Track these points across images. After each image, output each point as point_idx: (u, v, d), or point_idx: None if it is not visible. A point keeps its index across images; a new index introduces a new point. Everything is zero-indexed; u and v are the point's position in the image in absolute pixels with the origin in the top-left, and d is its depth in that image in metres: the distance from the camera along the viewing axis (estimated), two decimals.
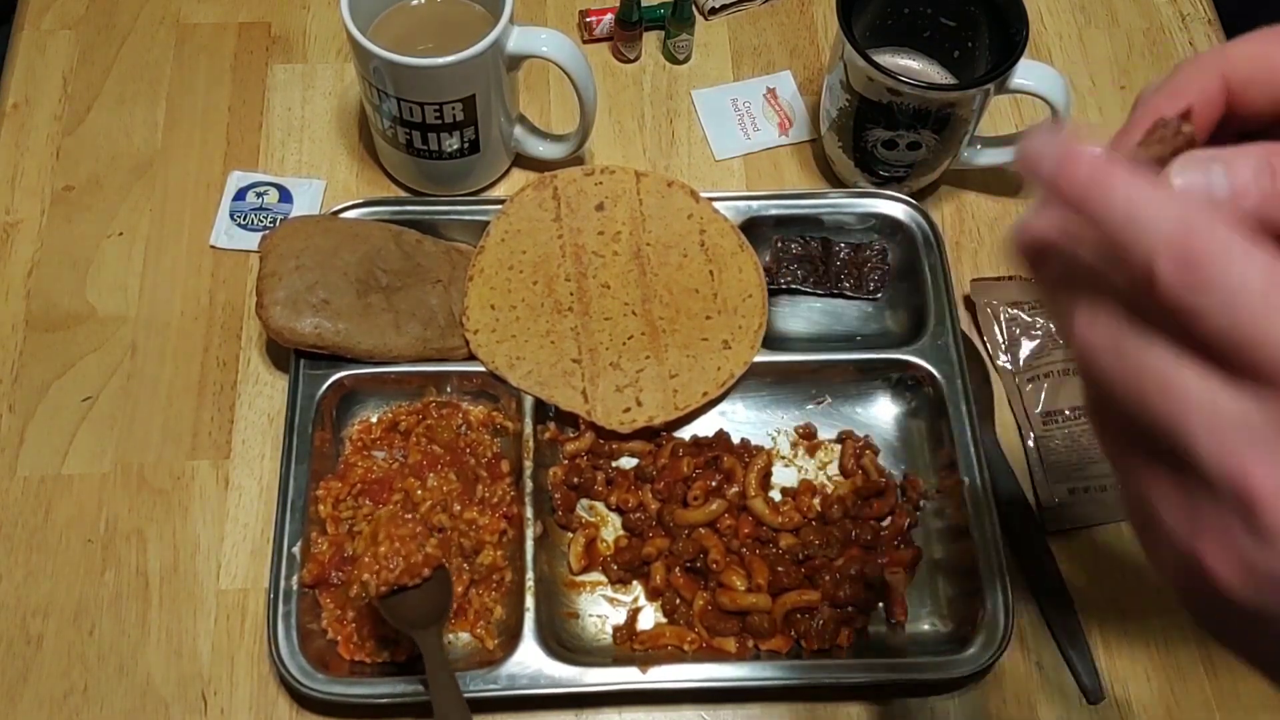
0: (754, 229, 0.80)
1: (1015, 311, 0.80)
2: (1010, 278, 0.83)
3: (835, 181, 0.87)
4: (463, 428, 0.75)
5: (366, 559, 0.64)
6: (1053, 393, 0.78)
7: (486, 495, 0.72)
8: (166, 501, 0.73)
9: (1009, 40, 0.76)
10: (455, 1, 0.79)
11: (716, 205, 0.80)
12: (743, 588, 0.69)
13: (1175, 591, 0.31)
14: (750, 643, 0.69)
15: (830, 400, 0.78)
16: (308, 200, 0.84)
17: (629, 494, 0.73)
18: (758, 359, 0.76)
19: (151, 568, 0.71)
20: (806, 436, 0.77)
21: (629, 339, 0.76)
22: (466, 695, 0.65)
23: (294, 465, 0.70)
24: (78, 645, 0.69)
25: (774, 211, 0.81)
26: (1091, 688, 0.69)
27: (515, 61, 0.76)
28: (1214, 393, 0.27)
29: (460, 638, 0.69)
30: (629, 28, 0.89)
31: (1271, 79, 0.33)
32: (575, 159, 0.84)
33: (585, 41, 0.93)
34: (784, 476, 0.76)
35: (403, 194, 0.85)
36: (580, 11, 0.92)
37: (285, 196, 0.84)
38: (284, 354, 0.75)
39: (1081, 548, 0.74)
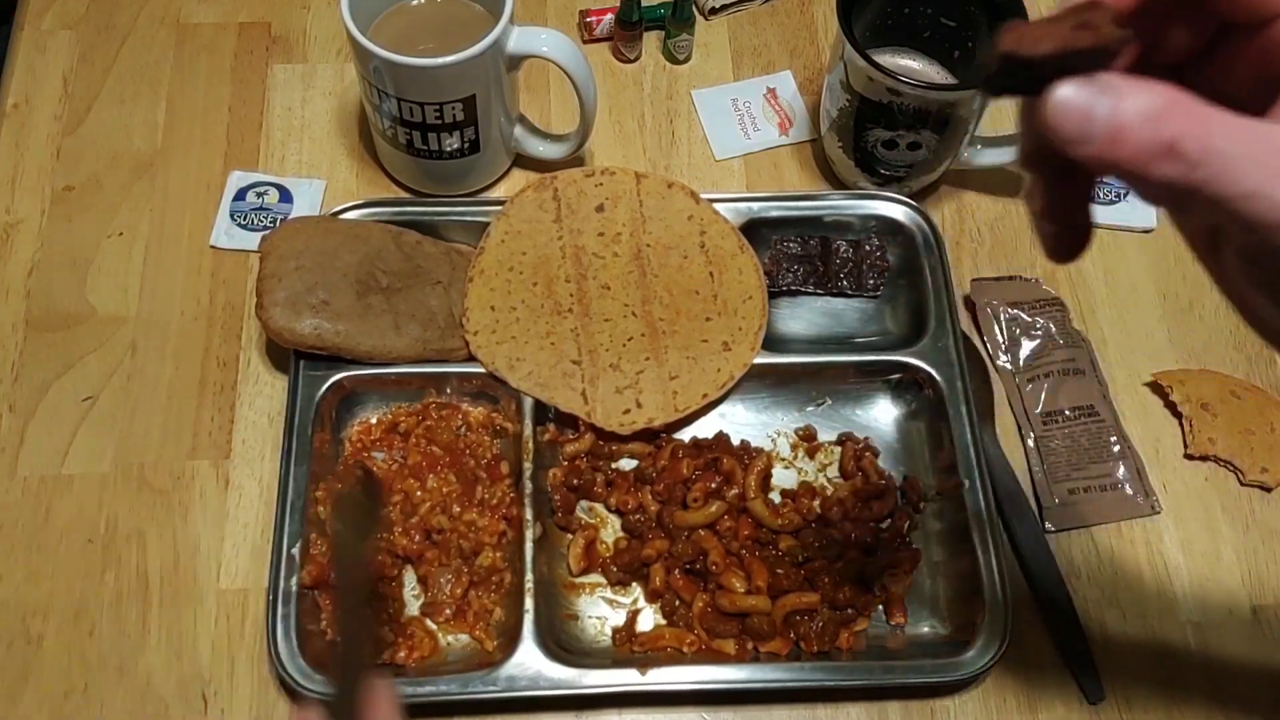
0: (754, 230, 0.80)
1: (1015, 311, 0.80)
2: (1010, 278, 0.83)
3: (835, 182, 0.87)
4: (462, 429, 0.75)
5: None
6: (1053, 393, 0.78)
7: (486, 497, 0.72)
8: (167, 501, 0.73)
9: None
10: (455, 1, 0.79)
11: (717, 206, 0.80)
12: (742, 590, 0.69)
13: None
14: (750, 645, 0.69)
15: (830, 402, 0.78)
16: (308, 200, 0.84)
17: (629, 496, 0.73)
18: (758, 361, 0.76)
19: (152, 568, 0.71)
20: (806, 438, 0.77)
21: (629, 340, 0.76)
22: (467, 697, 0.65)
23: (294, 466, 0.70)
24: (78, 645, 0.69)
25: (774, 213, 0.81)
26: (1091, 688, 0.69)
27: (515, 61, 0.76)
28: None
29: (460, 639, 0.69)
30: (629, 28, 0.89)
31: None
32: (575, 159, 0.84)
33: (585, 41, 0.93)
34: (784, 478, 0.76)
35: (403, 194, 0.85)
36: (580, 11, 0.92)
37: (285, 196, 0.84)
38: (284, 354, 0.75)
39: (1082, 548, 0.74)
